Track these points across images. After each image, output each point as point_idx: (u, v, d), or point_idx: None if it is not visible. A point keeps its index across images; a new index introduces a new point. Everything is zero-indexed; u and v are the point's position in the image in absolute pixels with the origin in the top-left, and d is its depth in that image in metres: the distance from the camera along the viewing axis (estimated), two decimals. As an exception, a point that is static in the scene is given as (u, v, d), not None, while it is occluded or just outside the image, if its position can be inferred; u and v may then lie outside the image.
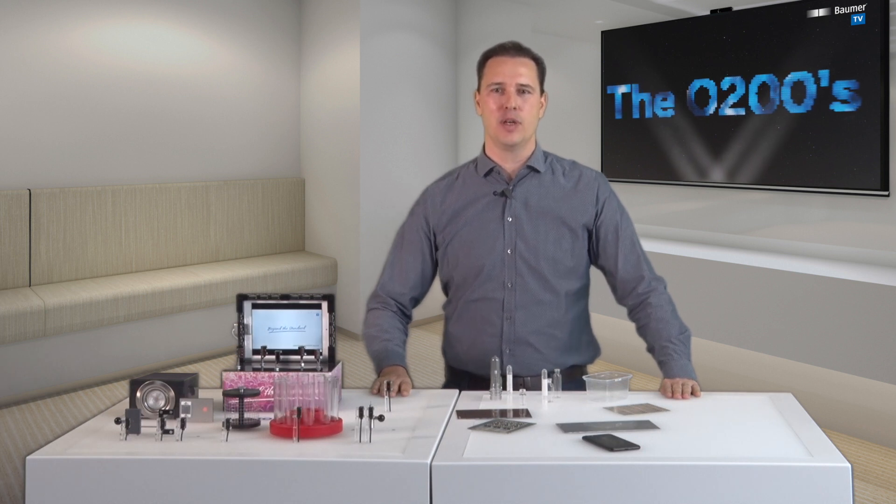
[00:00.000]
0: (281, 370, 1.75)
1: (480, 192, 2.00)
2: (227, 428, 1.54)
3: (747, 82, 4.37)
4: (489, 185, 2.00)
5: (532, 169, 1.99)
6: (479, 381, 1.94)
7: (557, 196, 1.98)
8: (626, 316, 2.07)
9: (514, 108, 1.91)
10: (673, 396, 1.81)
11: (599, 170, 5.11)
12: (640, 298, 2.00)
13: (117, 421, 1.55)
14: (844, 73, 3.93)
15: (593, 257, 2.05)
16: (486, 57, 1.99)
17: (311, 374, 1.64)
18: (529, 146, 2.00)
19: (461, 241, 1.99)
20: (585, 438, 1.53)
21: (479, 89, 2.00)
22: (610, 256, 2.01)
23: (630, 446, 1.48)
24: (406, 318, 2.08)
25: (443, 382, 2.14)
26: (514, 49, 1.96)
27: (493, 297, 1.96)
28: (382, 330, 2.00)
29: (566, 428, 1.59)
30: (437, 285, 2.13)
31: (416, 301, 2.11)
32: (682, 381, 1.83)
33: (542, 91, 1.99)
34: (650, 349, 1.99)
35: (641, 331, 2.01)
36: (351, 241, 5.44)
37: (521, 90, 1.92)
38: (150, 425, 1.58)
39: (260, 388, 1.70)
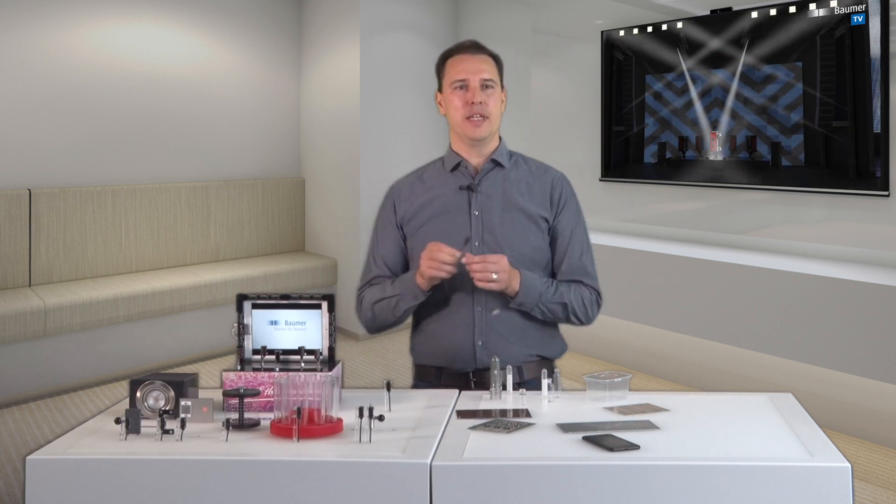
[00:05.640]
0: (281, 370, 1.75)
1: (447, 187, 2.02)
2: (227, 428, 1.54)
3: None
4: (455, 179, 2.02)
5: (496, 163, 2.02)
6: (452, 376, 1.94)
7: (521, 189, 2.00)
8: None
9: (480, 103, 1.94)
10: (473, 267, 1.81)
11: (600, 170, 5.14)
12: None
13: (117, 421, 1.55)
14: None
15: None
16: (446, 57, 2.02)
17: (311, 374, 1.64)
18: (494, 141, 2.04)
19: (428, 234, 1.97)
20: (585, 438, 1.53)
21: (440, 89, 2.04)
22: (557, 259, 2.02)
23: (630, 446, 1.48)
24: None
25: (411, 382, 2.08)
26: (473, 47, 2.00)
27: (464, 289, 1.95)
28: (381, 289, 1.99)
29: (566, 428, 1.59)
30: None
31: None
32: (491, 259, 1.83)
33: (501, 87, 2.03)
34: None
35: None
36: (351, 242, 5.44)
37: (485, 85, 1.96)
38: (150, 425, 1.58)
39: (260, 388, 1.70)
